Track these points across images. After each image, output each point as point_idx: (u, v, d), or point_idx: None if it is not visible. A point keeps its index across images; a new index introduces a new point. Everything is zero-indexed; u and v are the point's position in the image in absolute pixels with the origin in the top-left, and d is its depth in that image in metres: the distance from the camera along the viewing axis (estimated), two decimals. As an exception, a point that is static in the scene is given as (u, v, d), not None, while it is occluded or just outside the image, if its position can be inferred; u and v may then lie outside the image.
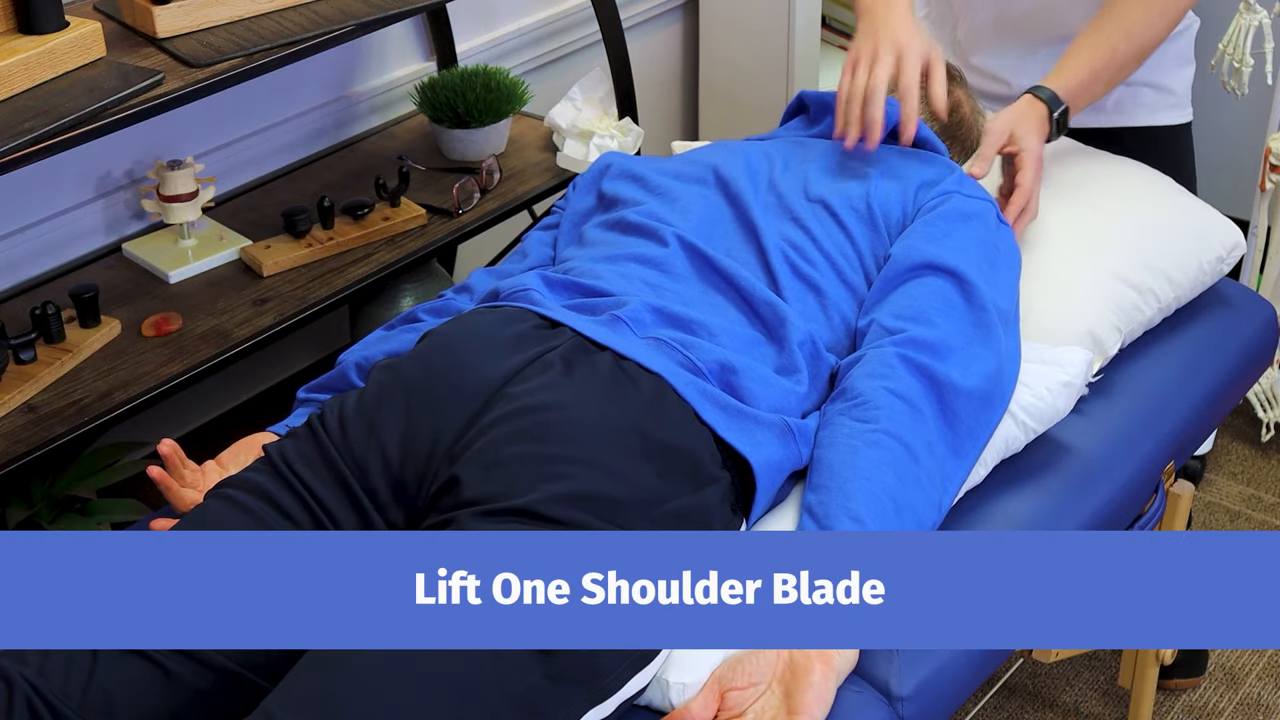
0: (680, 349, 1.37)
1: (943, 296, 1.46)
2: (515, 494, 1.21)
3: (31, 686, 1.16)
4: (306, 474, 1.30)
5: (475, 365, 1.33)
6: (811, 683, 1.18)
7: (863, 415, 1.34)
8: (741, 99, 2.82)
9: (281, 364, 2.44)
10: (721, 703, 1.19)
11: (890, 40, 1.62)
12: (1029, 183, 1.66)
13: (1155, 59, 1.82)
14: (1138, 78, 1.86)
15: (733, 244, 1.54)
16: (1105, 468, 1.57)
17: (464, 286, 1.61)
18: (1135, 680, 2.00)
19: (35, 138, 1.56)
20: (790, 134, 1.77)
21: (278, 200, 2.18)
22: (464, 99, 2.25)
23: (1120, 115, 1.91)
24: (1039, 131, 1.69)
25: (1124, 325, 1.68)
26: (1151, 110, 1.92)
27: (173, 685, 1.19)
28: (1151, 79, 1.89)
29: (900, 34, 1.63)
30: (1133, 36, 1.72)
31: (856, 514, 1.27)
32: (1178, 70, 1.92)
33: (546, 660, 1.14)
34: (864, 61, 1.63)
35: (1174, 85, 1.92)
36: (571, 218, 1.67)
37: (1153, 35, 1.74)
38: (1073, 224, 1.74)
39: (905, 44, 1.62)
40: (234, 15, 1.84)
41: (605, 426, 1.27)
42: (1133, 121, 1.91)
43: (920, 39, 1.64)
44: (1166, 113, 1.93)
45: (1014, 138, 1.67)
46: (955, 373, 1.39)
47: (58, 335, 1.83)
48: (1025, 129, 1.67)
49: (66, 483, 1.88)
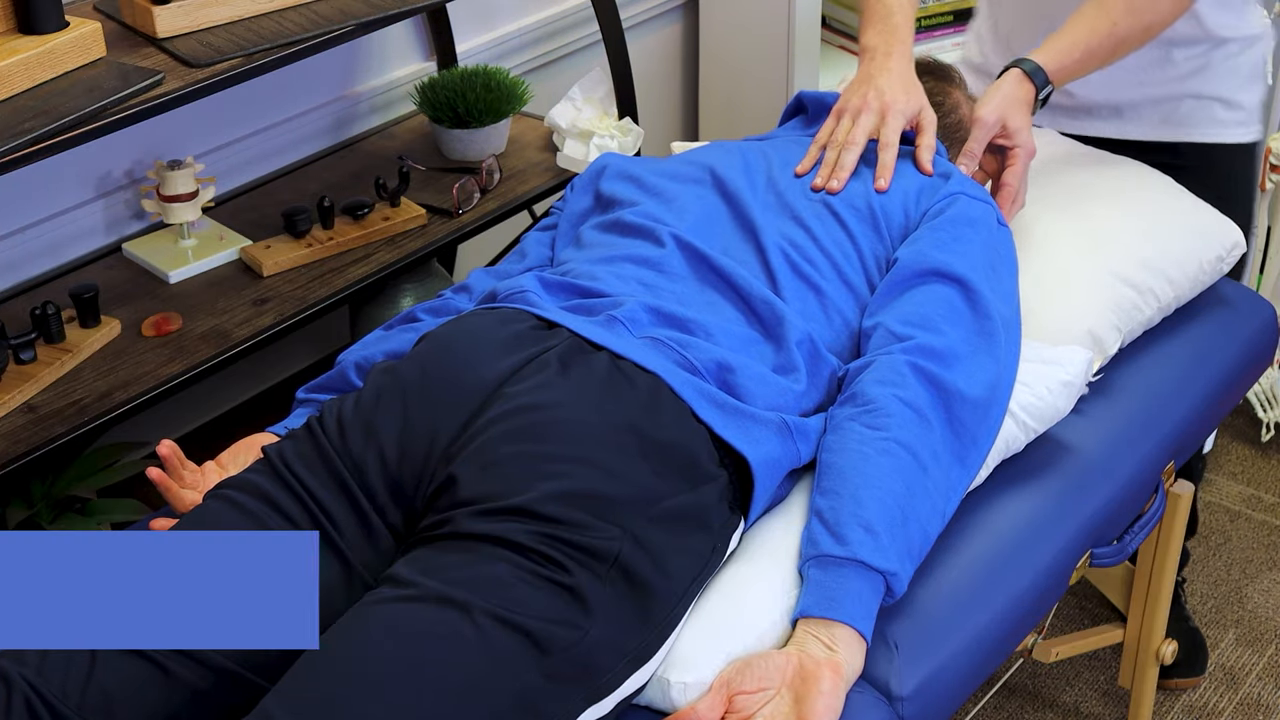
0: (677, 348, 1.37)
1: (950, 304, 1.46)
2: (512, 493, 1.21)
3: (30, 686, 1.16)
4: (305, 475, 1.30)
5: (472, 366, 1.33)
6: (822, 690, 1.18)
7: (873, 422, 1.34)
8: (741, 99, 2.82)
9: (281, 364, 2.44)
10: (729, 705, 1.19)
11: (878, 95, 1.62)
12: (1018, 179, 1.65)
13: (1225, 72, 1.78)
14: (1207, 91, 1.81)
15: (730, 243, 1.54)
16: (1105, 468, 1.57)
17: (463, 286, 1.62)
18: (1135, 680, 2.00)
19: (35, 138, 1.56)
20: (789, 134, 1.77)
21: (278, 200, 2.18)
22: (464, 99, 2.25)
23: (1185, 129, 1.86)
24: (1028, 115, 1.66)
25: (1124, 325, 1.68)
26: (1220, 126, 1.86)
27: (171, 685, 1.19)
28: (1222, 93, 1.84)
29: (890, 90, 1.62)
30: (1136, 12, 1.68)
31: (869, 523, 1.27)
32: (1249, 85, 1.87)
33: (544, 658, 1.14)
34: (849, 114, 1.63)
35: (1245, 100, 1.87)
36: (569, 219, 1.67)
37: (1156, 14, 1.70)
38: (1073, 224, 1.74)
39: (892, 101, 1.62)
40: (234, 15, 1.84)
41: (602, 425, 1.27)
42: (1197, 137, 1.86)
43: (911, 97, 1.63)
44: (1234, 129, 1.87)
45: (1007, 130, 1.65)
46: (961, 381, 1.39)
47: (58, 335, 1.83)
48: (1018, 119, 1.65)
49: (66, 483, 1.88)
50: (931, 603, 1.36)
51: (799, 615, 1.25)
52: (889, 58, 1.65)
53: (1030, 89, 1.66)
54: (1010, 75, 1.67)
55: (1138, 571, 1.91)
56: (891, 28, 1.67)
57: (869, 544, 1.26)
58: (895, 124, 1.61)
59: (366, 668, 1.11)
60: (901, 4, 1.68)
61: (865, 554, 1.25)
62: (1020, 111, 1.65)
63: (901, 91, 1.63)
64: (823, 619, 1.23)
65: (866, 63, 1.67)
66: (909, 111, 1.62)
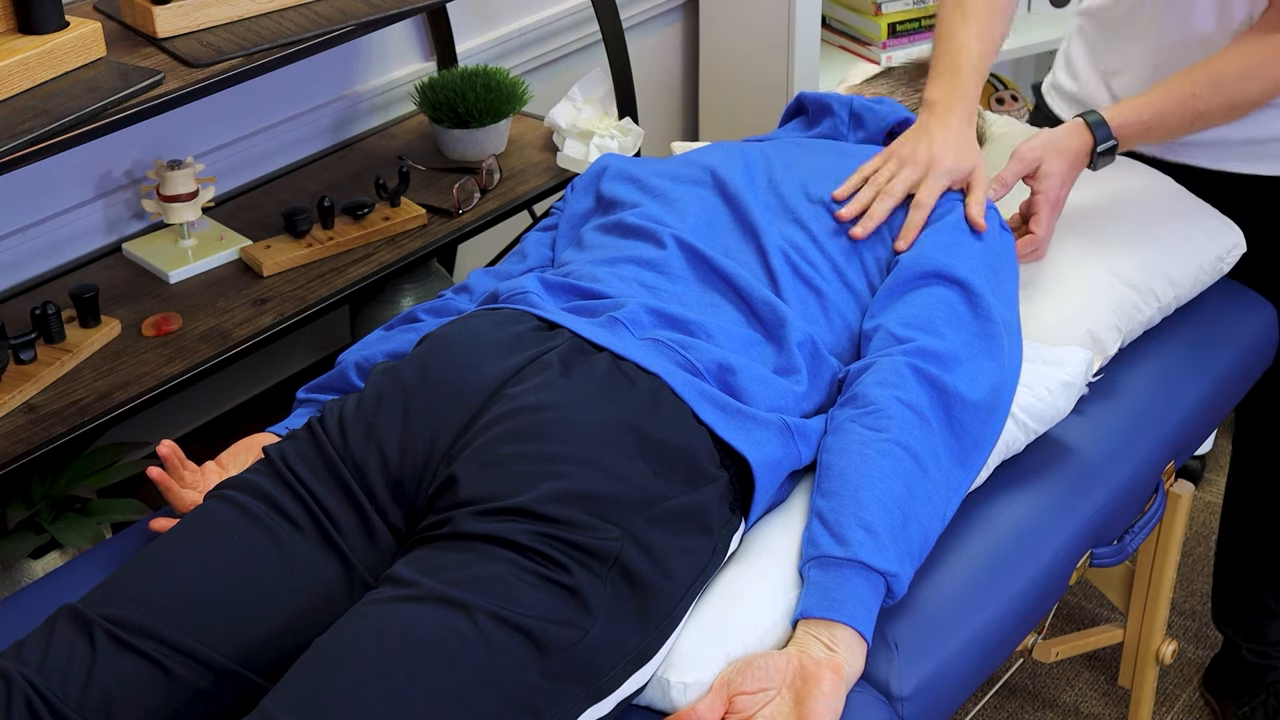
0: (678, 349, 1.37)
1: (951, 307, 1.46)
2: (512, 493, 1.21)
3: (30, 685, 1.16)
4: (306, 475, 1.30)
5: (473, 367, 1.33)
6: (823, 691, 1.18)
7: (874, 424, 1.34)
8: (741, 99, 2.82)
9: (281, 364, 2.44)
10: (730, 706, 1.19)
11: (928, 150, 1.58)
12: (1042, 231, 1.60)
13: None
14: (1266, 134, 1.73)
15: (731, 244, 1.54)
16: (1105, 468, 1.57)
17: (463, 287, 1.62)
18: (1135, 680, 2.00)
19: (35, 138, 1.56)
20: (789, 135, 1.77)
21: (278, 200, 2.18)
22: (464, 99, 2.25)
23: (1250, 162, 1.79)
24: (1072, 166, 1.61)
25: (1124, 325, 1.68)
26: None
27: (172, 684, 1.19)
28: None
29: (942, 148, 1.58)
30: (1219, 89, 1.64)
31: (869, 524, 1.27)
32: None
33: (544, 658, 1.14)
34: (894, 161, 1.58)
35: None
36: (569, 219, 1.67)
37: (1243, 95, 1.66)
38: (1072, 224, 1.73)
39: (939, 160, 1.57)
40: (234, 15, 1.84)
41: (602, 426, 1.27)
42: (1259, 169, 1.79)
43: (961, 159, 1.58)
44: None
45: (1039, 173, 1.60)
46: (962, 384, 1.39)
47: (58, 335, 1.83)
48: (1055, 163, 1.60)
49: (66, 483, 1.88)
50: (931, 603, 1.36)
51: (799, 616, 1.25)
52: (949, 114, 1.60)
53: (1087, 140, 1.62)
54: (1071, 123, 1.64)
55: (1138, 571, 1.91)
56: (958, 84, 1.62)
57: (870, 545, 1.26)
58: (936, 184, 1.56)
59: (367, 667, 1.11)
60: (971, 60, 1.64)
61: (866, 555, 1.25)
62: (1061, 159, 1.61)
63: (953, 151, 1.58)
64: (823, 620, 1.23)
65: (926, 115, 1.62)
66: (956, 174, 1.57)
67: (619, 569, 1.19)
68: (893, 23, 2.73)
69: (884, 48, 2.75)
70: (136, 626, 1.19)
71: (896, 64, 2.00)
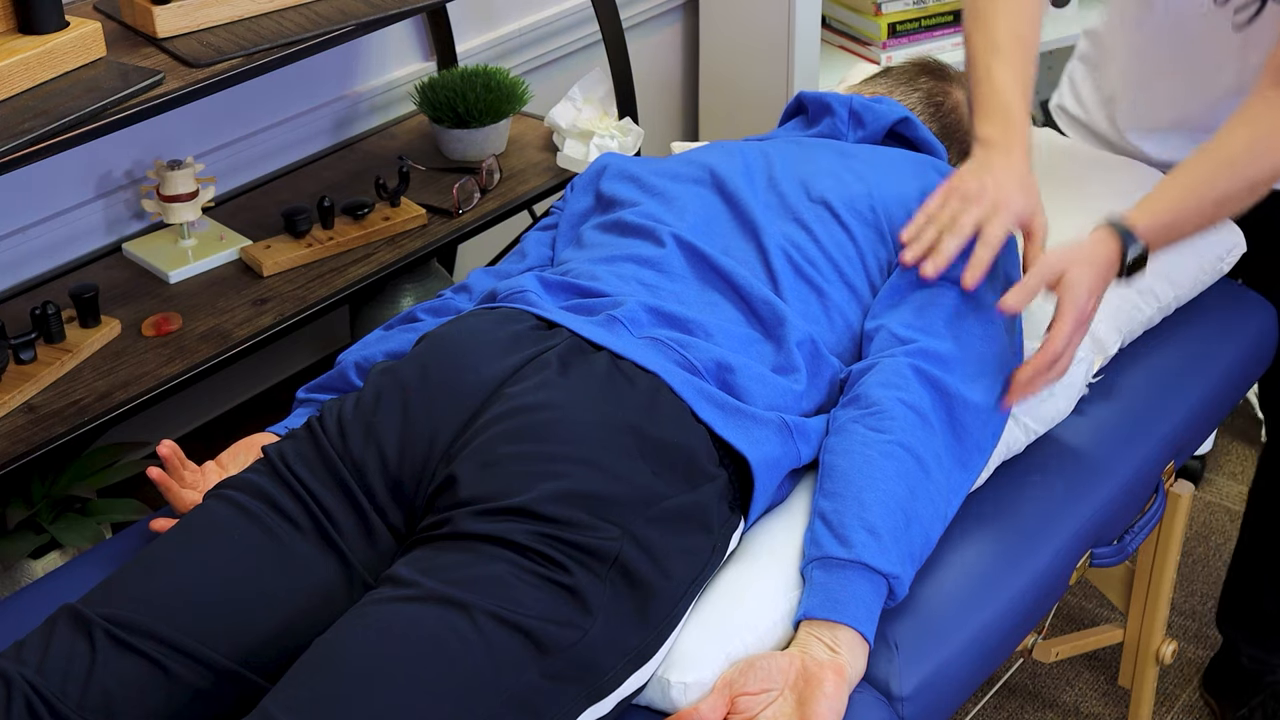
0: (677, 348, 1.37)
1: (952, 308, 1.46)
2: (512, 493, 1.21)
3: (30, 686, 1.16)
4: (305, 475, 1.30)
5: (472, 366, 1.33)
6: (825, 692, 1.18)
7: (876, 425, 1.34)
8: (741, 99, 2.82)
9: (281, 364, 2.44)
10: (732, 706, 1.19)
11: (996, 188, 1.49)
12: (1060, 340, 1.43)
13: None
14: None
15: (731, 243, 1.53)
16: (1105, 468, 1.57)
17: (463, 286, 1.62)
18: (1135, 680, 2.00)
19: (35, 138, 1.56)
20: (789, 134, 1.77)
21: (278, 200, 2.18)
22: (464, 99, 2.25)
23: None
24: (1100, 277, 1.48)
25: (1124, 325, 1.68)
26: None
27: (172, 684, 1.19)
28: None
29: (1008, 187, 1.50)
30: (1237, 168, 1.55)
31: (872, 525, 1.27)
32: None
33: (544, 658, 1.14)
34: (959, 196, 1.50)
35: None
36: (569, 219, 1.67)
37: (1260, 168, 1.55)
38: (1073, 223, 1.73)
39: (1007, 200, 1.49)
40: (234, 15, 1.84)
41: (601, 425, 1.27)
42: None
43: (1027, 200, 1.51)
44: None
45: (1064, 281, 1.46)
46: (964, 386, 1.39)
47: (58, 335, 1.83)
48: (1080, 272, 1.46)
49: (66, 483, 1.88)
50: (931, 603, 1.36)
51: (802, 617, 1.25)
52: (1010, 153, 1.53)
53: (1113, 247, 1.50)
54: (1096, 232, 1.53)
55: (1138, 571, 1.91)
56: (1011, 122, 1.56)
57: (872, 546, 1.26)
58: (1003, 224, 1.48)
59: (367, 667, 1.11)
60: (1016, 97, 1.57)
61: (869, 556, 1.25)
62: (1087, 271, 1.47)
63: (1019, 191, 1.50)
64: (826, 621, 1.23)
65: (986, 151, 1.54)
66: (1022, 214, 1.50)
67: (619, 569, 1.19)
68: (893, 23, 2.73)
69: (884, 48, 2.75)
70: (136, 626, 1.19)
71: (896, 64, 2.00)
